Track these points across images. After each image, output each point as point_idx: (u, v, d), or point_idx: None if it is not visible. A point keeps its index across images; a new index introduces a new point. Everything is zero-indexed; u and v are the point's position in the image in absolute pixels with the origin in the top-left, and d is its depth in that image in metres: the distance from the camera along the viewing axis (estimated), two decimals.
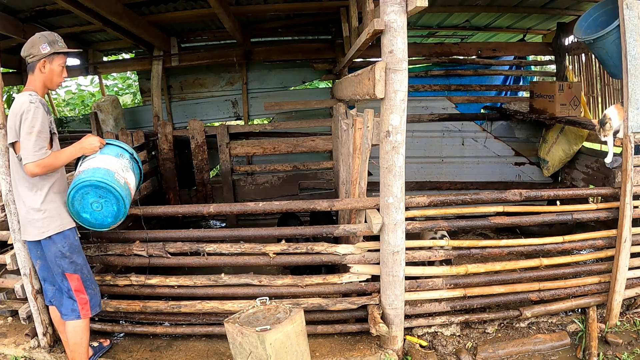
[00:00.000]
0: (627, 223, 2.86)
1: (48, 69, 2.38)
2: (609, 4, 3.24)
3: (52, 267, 2.49)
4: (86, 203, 2.45)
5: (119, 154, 2.64)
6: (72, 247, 2.48)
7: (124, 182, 2.55)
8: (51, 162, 2.31)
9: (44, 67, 2.37)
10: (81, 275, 2.51)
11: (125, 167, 2.63)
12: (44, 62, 2.36)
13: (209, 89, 6.18)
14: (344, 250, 2.77)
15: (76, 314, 2.52)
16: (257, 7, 4.76)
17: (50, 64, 2.38)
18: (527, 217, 2.95)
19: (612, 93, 4.66)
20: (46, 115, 2.31)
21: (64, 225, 2.44)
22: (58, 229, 2.41)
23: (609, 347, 2.85)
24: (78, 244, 2.53)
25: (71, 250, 2.47)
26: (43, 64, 2.36)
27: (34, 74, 2.38)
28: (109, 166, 2.52)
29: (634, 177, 2.83)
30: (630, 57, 2.73)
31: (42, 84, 2.41)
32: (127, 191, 2.58)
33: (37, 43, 2.34)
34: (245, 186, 5.65)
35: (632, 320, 3.05)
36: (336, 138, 4.81)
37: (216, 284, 2.89)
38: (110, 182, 2.43)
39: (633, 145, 2.81)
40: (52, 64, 2.39)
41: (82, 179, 2.41)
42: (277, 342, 2.25)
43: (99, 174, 2.44)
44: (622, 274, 2.92)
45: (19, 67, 5.80)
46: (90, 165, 2.50)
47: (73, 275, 2.49)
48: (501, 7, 5.04)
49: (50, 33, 2.43)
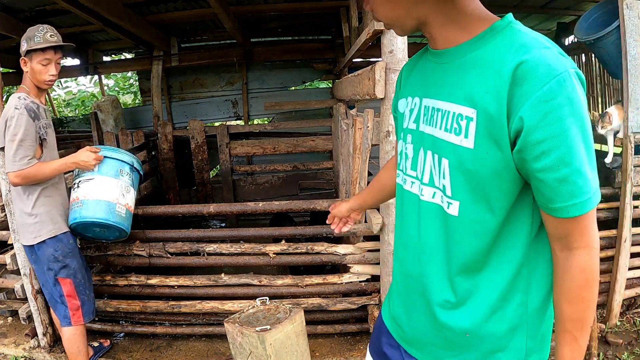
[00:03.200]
0: (627, 223, 2.86)
1: (29, 67, 2.25)
2: (609, 4, 3.24)
3: (45, 270, 2.39)
4: (89, 230, 2.53)
5: (118, 171, 2.52)
6: (66, 251, 2.39)
7: (125, 210, 2.55)
8: (33, 174, 2.20)
9: (25, 66, 2.25)
10: (74, 280, 2.41)
11: (126, 187, 2.56)
12: (23, 60, 2.24)
13: (209, 89, 6.18)
14: (344, 250, 2.77)
15: (67, 320, 2.43)
16: (257, 7, 4.76)
17: (30, 62, 2.24)
18: None
19: (612, 93, 4.66)
20: (31, 122, 2.18)
21: (56, 229, 2.36)
22: (50, 234, 2.33)
23: (609, 347, 2.85)
24: (73, 247, 2.43)
25: (64, 254, 2.38)
26: (24, 63, 2.24)
27: (24, 72, 2.29)
28: (110, 196, 2.45)
29: (634, 177, 2.83)
30: (630, 57, 2.73)
31: (30, 83, 2.29)
32: (128, 215, 2.59)
33: (21, 40, 2.24)
34: (245, 186, 5.65)
35: (632, 320, 3.05)
36: (336, 138, 4.81)
37: (216, 284, 2.89)
38: (112, 220, 2.45)
39: (633, 145, 2.81)
40: (32, 62, 2.23)
41: (83, 217, 2.39)
42: (277, 342, 2.25)
43: (100, 212, 2.41)
44: (622, 274, 2.92)
45: (19, 67, 5.80)
46: (89, 193, 2.42)
47: (65, 279, 2.39)
48: (501, 7, 5.04)
49: (33, 28, 2.25)
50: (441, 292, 1.02)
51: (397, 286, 1.19)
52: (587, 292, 0.88)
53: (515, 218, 0.92)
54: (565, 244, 0.88)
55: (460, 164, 0.91)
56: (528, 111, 0.79)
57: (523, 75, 0.80)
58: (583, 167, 0.80)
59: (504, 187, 0.88)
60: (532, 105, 0.79)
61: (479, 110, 0.86)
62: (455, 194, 0.93)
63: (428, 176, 1.00)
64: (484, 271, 0.96)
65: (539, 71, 0.79)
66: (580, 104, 0.80)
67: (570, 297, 0.89)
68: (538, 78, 0.78)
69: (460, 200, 0.93)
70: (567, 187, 0.81)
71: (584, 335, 0.91)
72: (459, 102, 0.90)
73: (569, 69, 0.80)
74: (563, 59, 0.81)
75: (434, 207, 0.99)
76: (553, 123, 0.78)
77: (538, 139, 0.80)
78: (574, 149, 0.79)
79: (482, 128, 0.86)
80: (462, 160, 0.90)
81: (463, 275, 0.98)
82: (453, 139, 0.91)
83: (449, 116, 0.92)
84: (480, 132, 0.86)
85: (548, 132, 0.79)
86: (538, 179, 0.83)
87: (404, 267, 1.13)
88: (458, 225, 0.95)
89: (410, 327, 1.12)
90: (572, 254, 0.87)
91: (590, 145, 0.82)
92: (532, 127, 0.79)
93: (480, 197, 0.90)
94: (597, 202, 0.84)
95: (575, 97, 0.79)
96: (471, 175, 0.90)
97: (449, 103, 0.93)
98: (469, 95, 0.88)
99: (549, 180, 0.82)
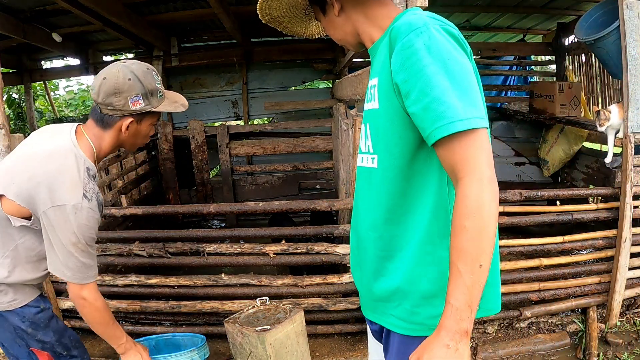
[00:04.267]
0: (627, 223, 2.86)
1: (133, 130, 1.58)
2: (609, 4, 3.24)
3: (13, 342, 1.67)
4: None
5: None
6: (36, 324, 1.65)
7: None
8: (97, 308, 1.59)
9: (128, 129, 1.56)
10: (52, 355, 1.71)
11: None
12: (130, 121, 1.55)
13: (209, 89, 6.18)
14: (344, 250, 2.77)
15: None
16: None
17: (138, 124, 1.59)
18: (527, 217, 2.95)
19: (612, 93, 4.65)
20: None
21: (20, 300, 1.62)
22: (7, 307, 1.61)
23: (609, 347, 2.85)
24: (46, 316, 1.68)
25: (35, 327, 1.65)
26: (127, 125, 1.55)
27: (107, 130, 1.57)
28: None
29: (634, 177, 2.83)
30: (630, 57, 2.73)
31: (113, 146, 1.62)
32: None
33: (124, 90, 1.49)
34: (245, 186, 5.65)
35: (632, 320, 3.05)
36: (336, 138, 4.81)
37: (216, 284, 2.89)
38: None
39: (633, 145, 2.81)
40: (141, 124, 1.60)
41: None
42: (277, 342, 2.25)
43: None
44: (622, 274, 2.92)
45: (19, 67, 5.81)
46: None
47: (42, 352, 1.69)
48: (501, 7, 5.04)
49: (146, 73, 1.55)
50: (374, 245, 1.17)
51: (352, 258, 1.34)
52: (468, 221, 0.89)
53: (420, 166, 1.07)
54: (454, 177, 0.95)
55: (374, 122, 1.13)
56: (394, 59, 1.00)
57: (394, 36, 1.03)
58: (444, 97, 0.91)
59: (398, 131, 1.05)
60: (396, 54, 1.00)
61: (379, 77, 1.09)
62: (375, 149, 1.14)
63: (363, 145, 1.21)
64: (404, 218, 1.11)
65: (402, 29, 1.00)
66: (438, 46, 0.95)
67: (454, 226, 0.92)
68: (401, 34, 1.00)
69: (378, 153, 1.13)
70: (429, 114, 0.93)
71: (469, 272, 0.89)
72: (372, 77, 1.16)
73: (430, 24, 0.98)
74: (428, 19, 1.00)
75: (364, 169, 1.20)
76: (412, 64, 0.96)
77: (403, 79, 0.98)
78: (432, 82, 0.92)
79: (381, 90, 1.08)
80: (374, 119, 1.13)
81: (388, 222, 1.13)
82: (368, 106, 1.16)
83: (368, 90, 1.18)
84: (381, 94, 1.08)
85: (409, 72, 0.96)
86: (412, 113, 0.98)
87: (352, 232, 1.31)
88: (377, 175, 1.14)
89: (362, 290, 1.29)
90: (458, 185, 0.93)
91: (458, 81, 0.93)
92: (397, 70, 0.99)
93: (387, 146, 1.09)
94: (465, 127, 0.90)
95: (431, 42, 0.95)
96: (379, 129, 1.11)
97: (369, 81, 1.18)
98: (375, 69, 1.15)
99: (417, 111, 0.96)
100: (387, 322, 1.19)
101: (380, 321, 1.22)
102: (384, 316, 1.19)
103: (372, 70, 1.17)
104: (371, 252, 1.18)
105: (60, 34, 4.89)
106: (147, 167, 5.16)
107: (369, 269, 1.21)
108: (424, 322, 1.11)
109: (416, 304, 1.11)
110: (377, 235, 1.16)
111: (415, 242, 1.09)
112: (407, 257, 1.11)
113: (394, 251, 1.13)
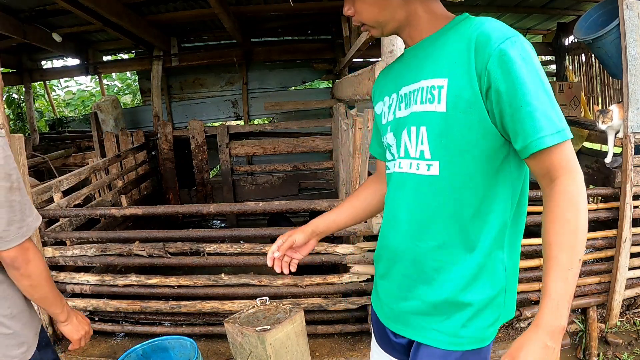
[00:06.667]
0: (627, 223, 2.86)
1: None
2: (609, 4, 3.24)
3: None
4: None
5: None
6: None
7: None
8: None
9: None
10: None
11: None
12: None
13: (209, 89, 6.18)
14: (344, 250, 2.77)
15: None
16: (257, 7, 4.76)
17: None
18: (527, 217, 2.95)
19: (612, 93, 4.66)
20: None
21: None
22: None
23: (609, 347, 2.85)
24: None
25: None
26: None
27: None
28: None
29: (634, 177, 2.83)
30: (630, 57, 2.73)
31: None
32: None
33: None
34: (245, 186, 5.65)
35: (632, 320, 3.05)
36: (336, 138, 4.81)
37: (216, 284, 2.89)
38: None
39: (633, 145, 2.81)
40: None
41: None
42: (277, 342, 2.25)
43: None
44: (622, 274, 2.92)
45: (19, 67, 5.81)
46: None
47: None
48: (501, 7, 5.04)
49: None
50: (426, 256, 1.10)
51: (382, 269, 1.25)
52: (570, 213, 0.92)
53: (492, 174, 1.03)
54: (549, 178, 0.96)
55: (436, 126, 1.04)
56: (491, 65, 0.95)
57: (483, 42, 0.97)
58: (545, 108, 0.93)
59: (475, 138, 1.01)
60: (493, 62, 0.95)
61: (450, 78, 1.01)
62: (435, 155, 1.06)
63: (411, 150, 1.11)
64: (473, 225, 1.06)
65: (494, 35, 0.96)
66: (531, 58, 0.95)
67: (554, 219, 0.93)
68: (494, 40, 0.95)
69: (440, 159, 1.05)
70: (531, 124, 0.92)
71: (569, 265, 0.90)
72: (432, 77, 1.05)
73: (519, 35, 0.97)
74: (512, 29, 0.99)
75: (410, 176, 1.11)
76: (510, 73, 0.93)
77: (502, 88, 0.94)
78: (532, 93, 0.92)
79: (454, 94, 1.00)
80: (438, 123, 1.03)
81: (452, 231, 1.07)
82: (428, 107, 1.05)
83: (424, 90, 1.07)
84: (453, 97, 1.01)
85: (507, 80, 0.93)
86: (510, 121, 0.95)
87: (389, 243, 1.20)
88: (439, 183, 1.06)
89: (391, 301, 1.20)
90: (556, 183, 0.95)
91: (550, 94, 0.95)
92: (495, 77, 0.95)
93: (458, 152, 1.03)
94: (564, 138, 0.93)
95: (526, 54, 0.95)
96: (446, 134, 1.03)
97: (423, 80, 1.07)
98: (440, 69, 1.04)
99: (516, 119, 0.94)
100: (424, 337, 1.12)
101: (416, 336, 1.14)
102: (423, 331, 1.12)
103: (428, 70, 1.07)
104: (419, 263, 1.11)
105: (60, 34, 4.89)
106: (147, 167, 5.16)
107: (407, 280, 1.15)
108: (473, 334, 1.06)
109: (470, 316, 1.06)
110: (436, 245, 1.08)
111: (483, 249, 1.06)
112: (469, 266, 1.06)
113: (452, 261, 1.07)
